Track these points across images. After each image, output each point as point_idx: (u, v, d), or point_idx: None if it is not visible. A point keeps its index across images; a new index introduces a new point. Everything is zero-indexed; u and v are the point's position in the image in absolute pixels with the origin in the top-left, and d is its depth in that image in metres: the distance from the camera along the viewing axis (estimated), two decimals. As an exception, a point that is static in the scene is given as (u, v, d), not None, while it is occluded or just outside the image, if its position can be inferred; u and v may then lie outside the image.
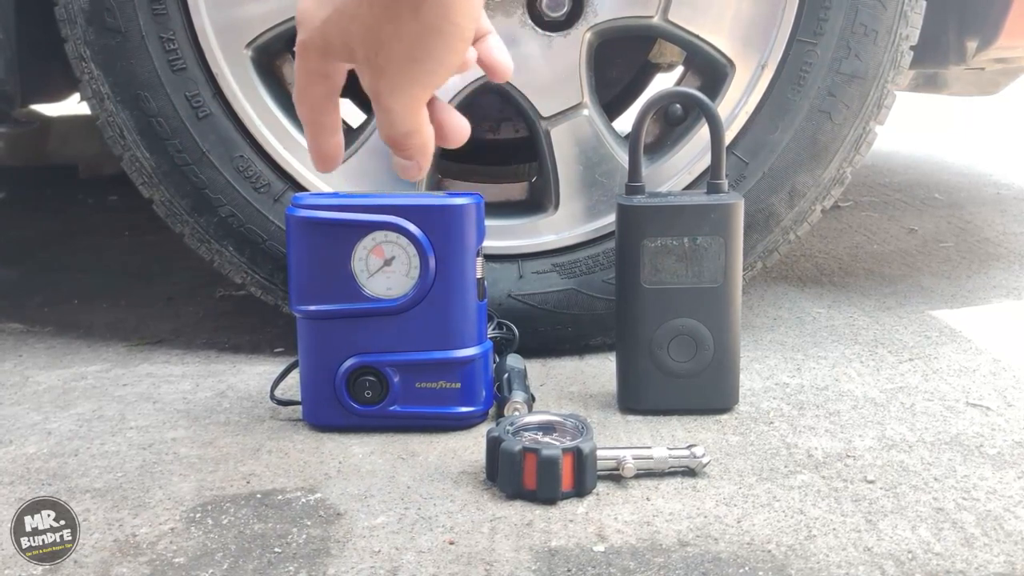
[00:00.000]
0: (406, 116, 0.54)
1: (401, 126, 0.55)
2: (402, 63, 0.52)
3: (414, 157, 0.57)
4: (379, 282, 0.96)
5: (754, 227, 1.17)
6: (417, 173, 0.58)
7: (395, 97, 0.53)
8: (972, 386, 1.08)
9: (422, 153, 0.57)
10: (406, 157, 0.57)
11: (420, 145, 0.56)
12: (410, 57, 0.52)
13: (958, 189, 2.35)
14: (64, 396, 1.10)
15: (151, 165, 1.15)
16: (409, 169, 0.58)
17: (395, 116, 0.54)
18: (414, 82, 0.53)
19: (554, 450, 0.83)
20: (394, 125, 0.55)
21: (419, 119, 0.55)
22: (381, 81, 0.53)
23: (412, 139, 0.56)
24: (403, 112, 0.54)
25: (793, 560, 0.73)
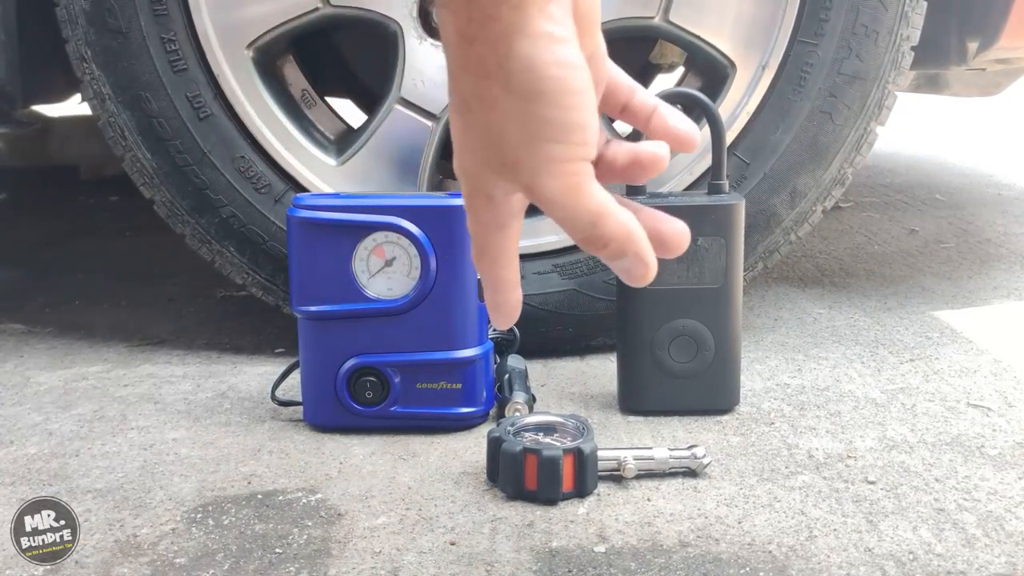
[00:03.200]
0: (570, 201, 0.48)
1: (577, 217, 0.48)
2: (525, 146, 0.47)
3: (623, 250, 0.49)
4: (380, 283, 0.96)
5: (755, 228, 1.17)
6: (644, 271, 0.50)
7: (542, 184, 0.47)
8: (973, 387, 1.08)
9: (626, 240, 0.49)
10: (612, 254, 0.49)
11: (616, 232, 0.49)
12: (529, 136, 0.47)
13: (959, 190, 2.35)
14: (65, 396, 1.10)
15: (152, 166, 1.15)
16: (632, 269, 0.50)
17: (560, 206, 0.48)
18: (547, 158, 0.47)
19: (555, 451, 0.83)
20: (571, 219, 0.48)
21: (590, 201, 0.48)
22: (523, 177, 0.48)
23: (601, 227, 0.48)
24: (564, 198, 0.48)
25: (794, 561, 0.73)
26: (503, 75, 0.46)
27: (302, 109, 1.23)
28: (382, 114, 1.16)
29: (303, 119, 1.20)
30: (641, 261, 0.50)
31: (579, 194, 0.48)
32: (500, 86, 0.46)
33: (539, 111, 0.46)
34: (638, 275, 0.50)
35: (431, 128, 1.16)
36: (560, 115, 0.47)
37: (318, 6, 1.13)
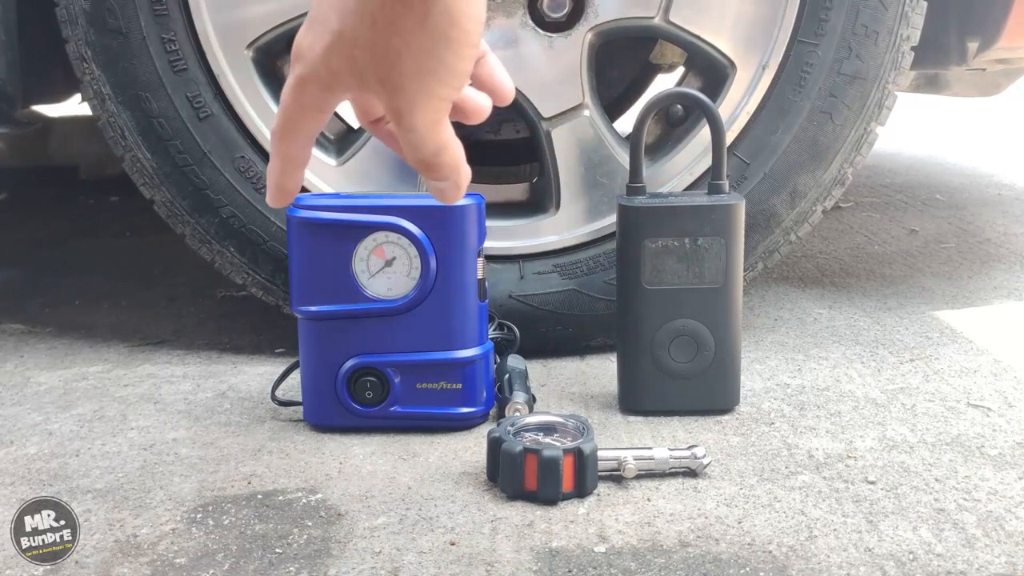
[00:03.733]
0: (429, 132, 0.53)
1: (427, 144, 0.53)
2: (415, 77, 0.51)
3: (449, 176, 0.55)
4: (380, 283, 0.96)
5: (755, 228, 1.17)
6: (456, 194, 0.56)
7: (415, 113, 0.52)
8: (973, 387, 1.08)
9: (455, 170, 0.55)
10: (440, 177, 0.55)
11: (451, 162, 0.54)
12: (422, 69, 0.50)
13: (959, 190, 2.35)
14: (65, 397, 1.10)
15: (152, 166, 1.15)
16: (447, 191, 0.55)
17: (418, 135, 0.53)
18: (430, 94, 0.51)
19: (555, 451, 0.83)
20: (420, 146, 0.53)
21: (443, 134, 0.53)
22: (398, 99, 0.52)
23: (442, 156, 0.54)
24: (425, 129, 0.52)
25: (794, 561, 0.73)
26: (424, 9, 0.49)
27: (302, 109, 1.22)
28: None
29: (303, 119, 1.20)
30: (457, 186, 0.55)
31: (438, 127, 0.53)
32: (417, 18, 0.49)
33: (440, 53, 0.50)
34: (451, 197, 0.56)
35: (431, 128, 1.16)
36: (455, 62, 0.51)
37: (318, 6, 1.13)
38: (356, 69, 0.52)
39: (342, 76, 0.52)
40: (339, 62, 0.52)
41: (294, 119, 0.54)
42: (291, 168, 0.56)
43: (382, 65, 0.51)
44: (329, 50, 0.52)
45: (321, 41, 0.52)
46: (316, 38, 0.52)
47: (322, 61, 0.52)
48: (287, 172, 0.56)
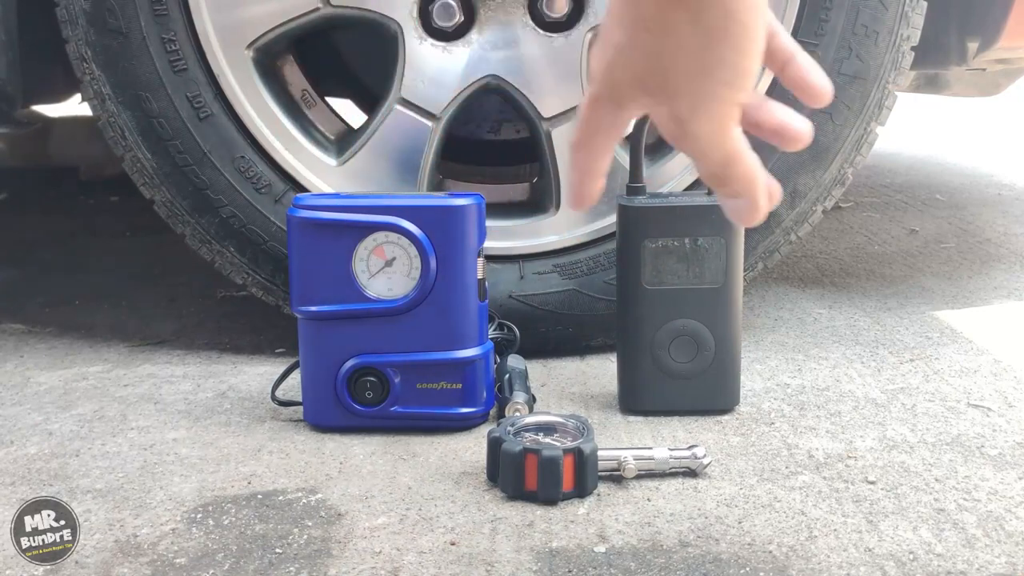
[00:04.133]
0: (715, 140, 0.49)
1: (714, 153, 0.50)
2: (693, 78, 0.48)
3: (741, 191, 0.51)
4: (380, 283, 0.96)
5: (755, 228, 1.17)
6: (753, 214, 0.52)
7: (697, 119, 0.49)
8: (973, 387, 1.08)
9: (749, 184, 0.51)
10: (732, 192, 0.51)
11: (744, 175, 0.50)
12: (701, 70, 0.48)
13: (959, 190, 2.35)
14: (65, 397, 1.10)
15: (152, 166, 1.15)
16: (741, 210, 0.52)
17: (704, 143, 0.50)
18: (714, 98, 0.49)
19: (555, 451, 0.83)
20: (707, 154, 0.50)
21: (732, 141, 0.50)
22: (678, 105, 0.49)
23: (733, 167, 0.50)
24: (710, 136, 0.49)
25: (794, 561, 0.73)
26: (696, 6, 0.46)
27: (302, 109, 1.22)
28: (382, 114, 1.16)
29: (303, 119, 1.20)
30: (754, 205, 0.51)
31: (725, 134, 0.49)
32: (689, 17, 0.47)
33: (719, 50, 0.47)
34: (748, 217, 0.52)
35: (431, 128, 1.16)
36: (736, 58, 0.48)
37: (318, 6, 1.13)
38: (637, 78, 0.50)
39: (626, 88, 0.51)
40: (622, 74, 0.51)
41: (590, 135, 0.55)
42: (590, 178, 0.57)
43: (658, 70, 0.49)
44: (612, 64, 0.51)
45: (605, 56, 0.51)
46: (602, 54, 0.52)
47: (606, 77, 0.51)
48: (586, 181, 0.57)
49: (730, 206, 0.52)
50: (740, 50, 0.47)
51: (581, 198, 0.57)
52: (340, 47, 1.56)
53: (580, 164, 0.56)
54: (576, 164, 0.56)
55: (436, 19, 1.15)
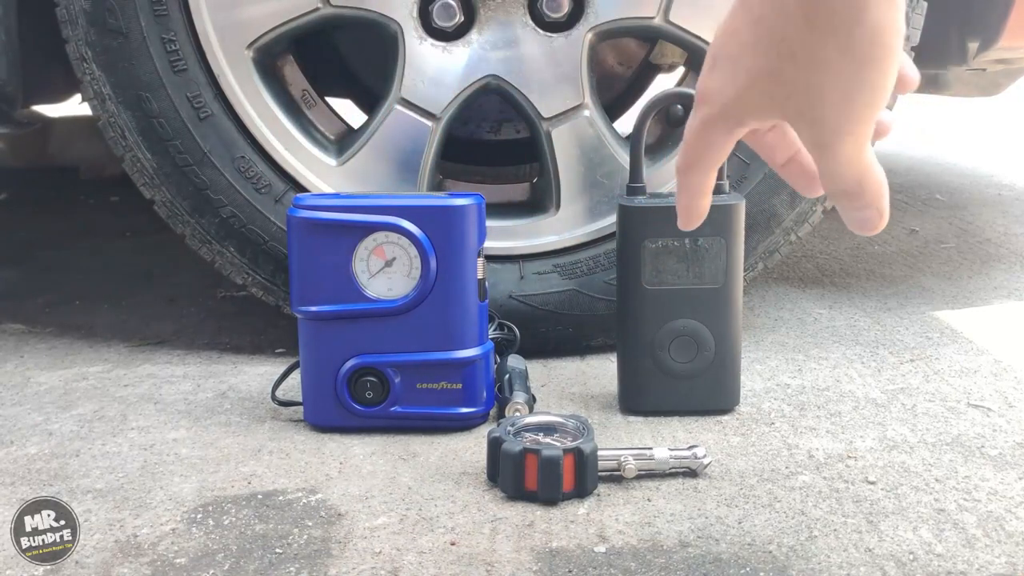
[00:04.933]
0: (856, 159, 0.50)
1: (853, 172, 0.51)
2: (839, 105, 0.49)
3: (872, 203, 0.52)
4: (380, 283, 0.96)
5: (755, 228, 1.17)
6: (880, 222, 0.53)
7: (841, 144, 0.50)
8: (973, 387, 1.08)
9: (878, 196, 0.52)
10: (862, 205, 0.52)
11: (875, 188, 0.51)
12: (847, 97, 0.48)
13: (960, 190, 2.35)
14: (65, 397, 1.10)
15: (152, 166, 1.15)
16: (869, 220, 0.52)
17: (844, 163, 0.50)
18: (858, 120, 0.49)
19: (555, 451, 0.83)
20: (845, 174, 0.51)
21: (866, 159, 0.51)
22: (821, 133, 0.50)
23: (865, 183, 0.51)
24: (852, 155, 0.50)
25: (794, 561, 0.73)
26: (847, 35, 0.47)
27: (302, 109, 1.23)
28: (382, 114, 1.16)
29: (303, 119, 1.20)
30: (880, 213, 0.52)
31: (861, 152, 0.50)
32: (840, 45, 0.47)
33: (867, 75, 0.48)
34: (874, 226, 0.53)
35: (431, 128, 1.16)
36: (881, 80, 0.48)
37: (318, 6, 1.13)
38: (775, 105, 0.51)
39: (756, 113, 0.52)
40: (756, 100, 0.51)
41: (700, 155, 0.56)
42: (699, 195, 0.59)
43: (803, 100, 0.49)
44: (745, 89, 0.51)
45: (735, 81, 0.51)
46: (727, 78, 0.52)
47: (735, 101, 0.52)
48: (695, 199, 0.59)
49: (856, 218, 0.53)
50: (885, 72, 0.48)
51: (692, 218, 0.60)
52: (340, 47, 1.57)
53: (691, 185, 0.58)
54: (686, 185, 0.58)
55: (436, 19, 1.15)
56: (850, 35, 0.47)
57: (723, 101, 0.53)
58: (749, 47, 0.51)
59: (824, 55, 0.48)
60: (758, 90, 0.51)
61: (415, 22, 1.15)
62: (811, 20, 0.48)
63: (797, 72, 0.49)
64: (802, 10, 0.48)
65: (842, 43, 0.47)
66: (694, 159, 0.56)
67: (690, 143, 0.56)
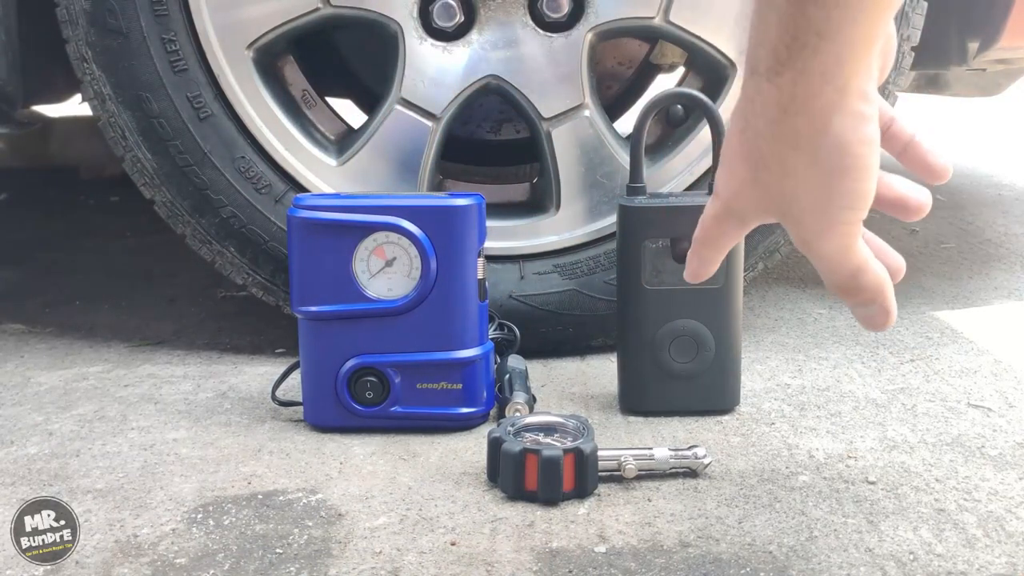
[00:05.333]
0: (841, 257, 0.53)
1: (841, 269, 0.53)
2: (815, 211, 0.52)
3: (872, 300, 0.54)
4: (380, 283, 0.96)
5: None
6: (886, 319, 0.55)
7: (821, 243, 0.52)
8: (974, 387, 1.08)
9: (878, 292, 0.54)
10: (862, 301, 0.54)
11: (872, 284, 0.53)
12: (820, 202, 0.51)
13: (960, 190, 2.35)
14: (66, 397, 1.10)
15: (153, 166, 1.15)
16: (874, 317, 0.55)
17: (830, 261, 0.53)
18: (837, 222, 0.52)
19: (555, 451, 0.83)
20: (834, 271, 0.53)
21: (856, 257, 0.53)
22: (801, 232, 0.53)
23: (860, 279, 0.53)
24: (837, 254, 0.53)
25: (794, 561, 0.73)
26: (812, 149, 0.50)
27: (302, 109, 1.23)
28: (382, 114, 1.16)
29: (303, 119, 1.21)
30: (884, 311, 0.55)
31: (850, 251, 0.53)
32: (807, 158, 0.50)
33: (837, 183, 0.50)
34: (879, 323, 0.55)
35: (431, 128, 1.16)
36: (855, 186, 0.51)
37: (318, 6, 1.13)
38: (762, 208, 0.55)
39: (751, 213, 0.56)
40: (746, 203, 0.55)
41: (714, 238, 0.61)
42: (708, 266, 0.64)
43: (781, 203, 0.53)
44: (737, 193, 0.56)
45: (731, 185, 0.56)
46: (726, 179, 0.56)
47: (734, 201, 0.56)
48: (704, 268, 0.64)
49: (861, 315, 0.55)
50: (857, 179, 0.50)
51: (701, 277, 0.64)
52: (340, 47, 1.56)
53: (704, 258, 0.63)
54: (700, 256, 0.63)
55: (436, 19, 1.15)
56: (816, 149, 0.49)
57: (726, 198, 0.57)
58: (737, 154, 0.54)
59: (795, 167, 0.50)
60: (747, 193, 0.55)
61: (415, 22, 1.15)
62: (778, 135, 0.51)
63: (771, 180, 0.52)
64: (770, 128, 0.51)
65: (809, 157, 0.50)
66: (710, 241, 0.61)
67: (706, 227, 0.61)
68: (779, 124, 0.50)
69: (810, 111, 0.49)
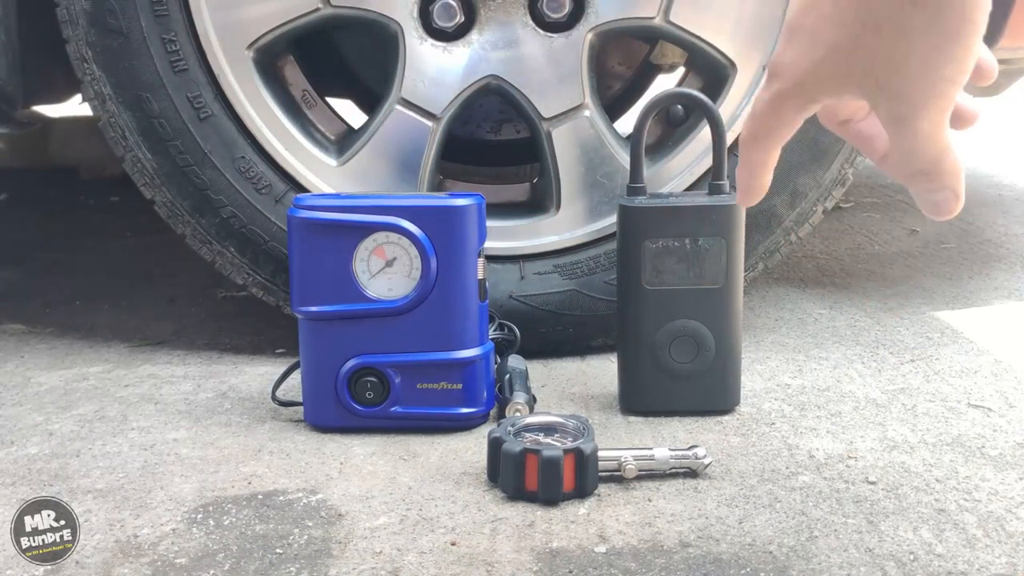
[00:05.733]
0: (934, 136, 0.50)
1: (930, 150, 0.50)
2: (921, 79, 0.48)
3: (948, 183, 0.51)
4: (380, 283, 0.96)
5: (756, 228, 1.17)
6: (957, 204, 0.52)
7: (920, 118, 0.49)
8: (974, 387, 1.08)
9: (956, 176, 0.51)
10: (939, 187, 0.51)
11: (953, 167, 0.51)
12: (930, 71, 0.48)
13: (960, 190, 2.34)
14: (66, 397, 1.10)
15: (153, 166, 1.15)
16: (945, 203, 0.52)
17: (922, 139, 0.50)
18: (938, 95, 0.49)
19: (555, 451, 0.83)
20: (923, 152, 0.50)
21: (945, 137, 0.50)
22: (901, 106, 0.49)
23: (944, 162, 0.50)
24: (931, 132, 0.49)
25: (795, 561, 0.73)
26: (934, 8, 0.47)
27: (303, 109, 1.23)
28: (382, 114, 1.16)
29: (304, 119, 1.21)
30: (957, 195, 0.51)
31: (941, 128, 0.50)
32: (927, 18, 0.47)
33: (952, 49, 0.48)
34: (951, 208, 0.52)
35: (431, 128, 1.16)
36: (966, 55, 0.48)
37: (318, 6, 1.13)
38: (852, 79, 0.50)
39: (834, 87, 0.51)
40: (833, 73, 0.51)
41: (770, 130, 0.55)
42: (763, 171, 0.57)
43: (885, 72, 0.49)
44: (822, 62, 0.51)
45: (811, 54, 0.51)
46: (803, 51, 0.51)
47: (811, 74, 0.51)
48: (759, 175, 0.57)
49: (931, 201, 0.52)
50: (969, 47, 0.48)
51: (754, 192, 0.58)
52: (340, 47, 1.56)
53: (754, 161, 0.57)
54: (750, 159, 0.57)
55: (436, 19, 1.15)
56: (940, 8, 0.47)
57: (797, 75, 0.52)
58: (829, 19, 0.50)
59: (912, 27, 0.47)
60: (835, 63, 0.50)
61: (415, 22, 1.15)
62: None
63: (881, 44, 0.48)
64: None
65: (931, 16, 0.47)
66: (762, 134, 0.56)
67: (759, 118, 0.55)
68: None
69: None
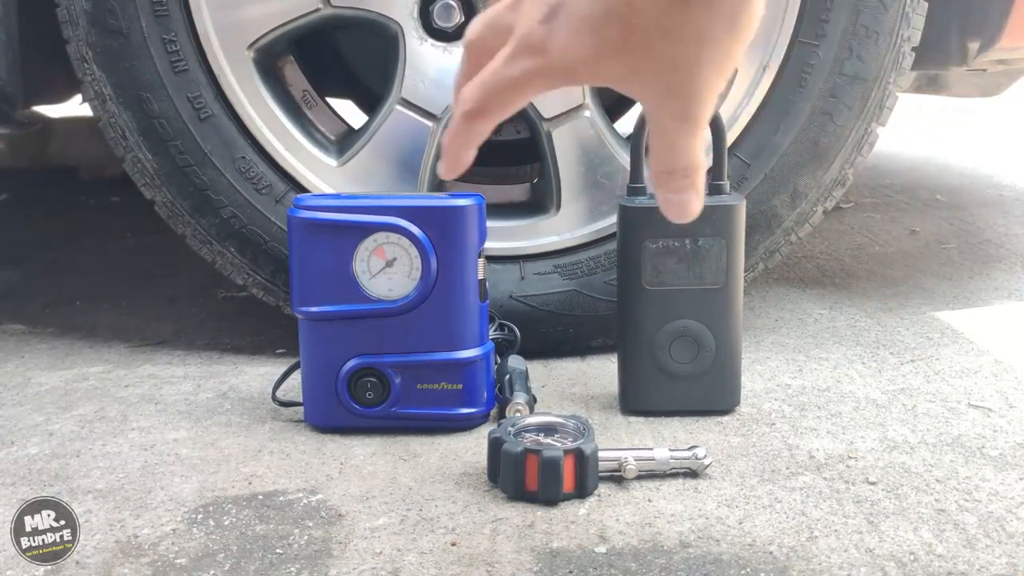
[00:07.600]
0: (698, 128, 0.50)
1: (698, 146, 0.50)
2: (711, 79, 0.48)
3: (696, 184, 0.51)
4: (381, 283, 0.96)
5: (756, 228, 1.17)
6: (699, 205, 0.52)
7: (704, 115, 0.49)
8: (974, 387, 1.08)
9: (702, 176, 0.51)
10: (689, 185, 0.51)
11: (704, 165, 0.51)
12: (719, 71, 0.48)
13: (960, 191, 2.35)
14: (66, 397, 1.10)
15: (153, 166, 1.15)
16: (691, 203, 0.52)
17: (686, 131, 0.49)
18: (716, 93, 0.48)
19: (556, 451, 0.83)
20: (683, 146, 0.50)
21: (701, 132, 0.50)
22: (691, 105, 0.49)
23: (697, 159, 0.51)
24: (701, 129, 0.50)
25: (795, 561, 0.73)
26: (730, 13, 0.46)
27: (303, 110, 1.23)
28: (383, 114, 1.17)
29: (304, 120, 1.21)
30: (700, 196, 0.52)
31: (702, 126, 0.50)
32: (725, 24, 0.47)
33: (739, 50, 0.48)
34: (692, 210, 0.52)
35: (432, 128, 1.16)
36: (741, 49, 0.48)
37: (318, 6, 1.13)
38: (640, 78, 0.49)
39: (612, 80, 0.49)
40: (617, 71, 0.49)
41: (504, 104, 0.51)
42: (474, 144, 0.53)
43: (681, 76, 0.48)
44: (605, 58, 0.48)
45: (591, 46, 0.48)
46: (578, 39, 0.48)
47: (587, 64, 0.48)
48: (470, 147, 0.53)
49: (678, 200, 0.52)
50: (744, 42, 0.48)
51: (462, 165, 0.54)
52: (340, 47, 1.57)
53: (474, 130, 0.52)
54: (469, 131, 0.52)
55: (436, 19, 1.15)
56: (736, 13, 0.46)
57: (569, 60, 0.49)
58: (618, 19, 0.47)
59: (713, 33, 0.47)
60: (623, 62, 0.48)
61: (415, 22, 1.15)
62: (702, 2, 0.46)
63: (675, 49, 0.47)
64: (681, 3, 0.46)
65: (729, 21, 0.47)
66: (496, 108, 0.51)
67: (495, 89, 0.50)
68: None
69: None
